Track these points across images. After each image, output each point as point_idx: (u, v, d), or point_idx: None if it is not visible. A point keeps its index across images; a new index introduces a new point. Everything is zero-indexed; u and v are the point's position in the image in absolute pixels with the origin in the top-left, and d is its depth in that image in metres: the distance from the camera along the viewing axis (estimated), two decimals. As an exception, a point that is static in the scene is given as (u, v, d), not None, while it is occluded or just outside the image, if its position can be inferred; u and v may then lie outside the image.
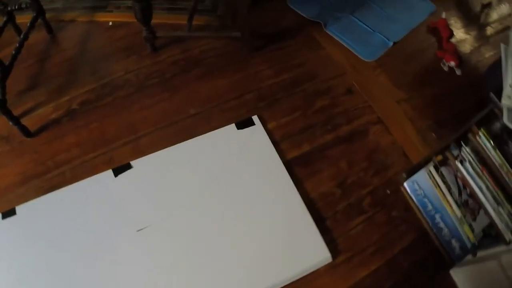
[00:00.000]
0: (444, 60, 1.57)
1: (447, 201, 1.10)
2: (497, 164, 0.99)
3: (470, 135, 1.04)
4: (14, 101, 1.42)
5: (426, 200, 1.14)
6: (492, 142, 1.00)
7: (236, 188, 1.23)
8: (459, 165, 1.05)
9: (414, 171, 1.22)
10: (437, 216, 1.11)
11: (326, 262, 1.09)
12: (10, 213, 1.18)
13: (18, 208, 1.19)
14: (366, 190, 1.24)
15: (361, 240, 1.14)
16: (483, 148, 1.01)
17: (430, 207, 1.13)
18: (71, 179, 1.24)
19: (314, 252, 1.10)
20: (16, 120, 1.28)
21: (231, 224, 1.15)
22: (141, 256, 1.10)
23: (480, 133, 1.01)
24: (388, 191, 1.24)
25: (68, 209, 1.19)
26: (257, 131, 1.35)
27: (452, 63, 1.54)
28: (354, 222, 1.17)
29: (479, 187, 1.02)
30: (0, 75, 1.24)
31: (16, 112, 1.32)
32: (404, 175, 1.23)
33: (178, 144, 1.32)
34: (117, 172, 1.26)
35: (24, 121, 1.33)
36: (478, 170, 1.02)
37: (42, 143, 1.33)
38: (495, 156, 0.99)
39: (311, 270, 1.08)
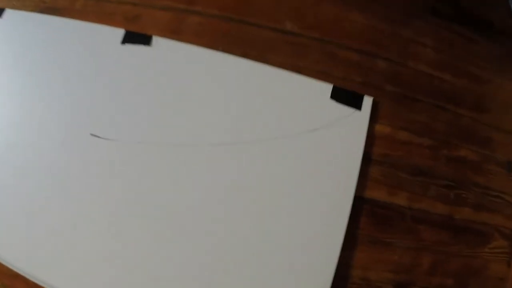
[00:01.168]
0: None
1: None
2: None
3: None
4: None
5: None
6: None
7: (273, 170, 0.71)
8: None
9: None
10: None
11: None
12: (-4, 12, 0.86)
13: (7, 13, 0.85)
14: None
15: None
16: None
17: None
18: (76, 12, 0.83)
19: None
20: None
21: (245, 217, 0.68)
22: (80, 165, 0.69)
23: None
24: None
25: (52, 45, 0.81)
26: (356, 122, 0.77)
27: None
28: None
29: None
30: None
31: None
32: None
33: (233, 56, 0.79)
34: (128, 38, 0.78)
35: None
36: None
37: None
38: None
39: None
